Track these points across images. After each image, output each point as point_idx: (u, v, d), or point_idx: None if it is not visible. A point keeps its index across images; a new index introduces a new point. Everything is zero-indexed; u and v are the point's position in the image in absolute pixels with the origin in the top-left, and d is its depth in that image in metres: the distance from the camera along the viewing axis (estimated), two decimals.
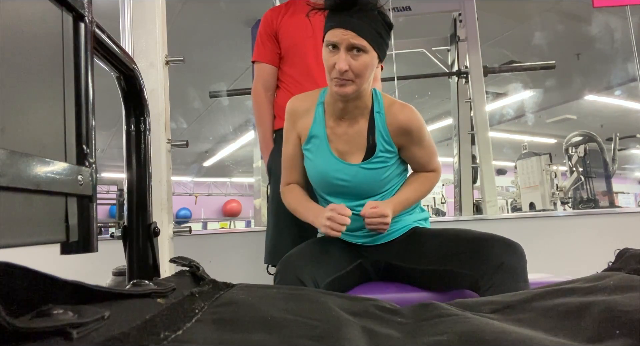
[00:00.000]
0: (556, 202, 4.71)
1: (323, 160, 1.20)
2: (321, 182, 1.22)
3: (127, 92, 0.76)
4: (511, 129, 8.49)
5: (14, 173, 0.35)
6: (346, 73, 1.05)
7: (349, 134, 1.19)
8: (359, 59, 1.05)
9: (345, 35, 1.03)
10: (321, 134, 1.20)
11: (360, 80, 1.08)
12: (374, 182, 1.17)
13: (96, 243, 0.49)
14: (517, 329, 0.41)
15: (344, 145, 1.20)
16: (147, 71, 1.27)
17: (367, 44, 1.05)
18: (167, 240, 1.29)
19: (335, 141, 1.20)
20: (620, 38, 4.19)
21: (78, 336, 0.28)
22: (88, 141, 0.49)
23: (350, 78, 1.06)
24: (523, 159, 4.97)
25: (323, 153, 1.20)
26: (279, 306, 0.46)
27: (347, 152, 1.19)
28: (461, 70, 3.00)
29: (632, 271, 0.57)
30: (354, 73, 1.06)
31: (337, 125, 1.20)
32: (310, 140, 1.22)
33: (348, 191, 1.19)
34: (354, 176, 1.17)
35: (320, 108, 1.22)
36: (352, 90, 1.08)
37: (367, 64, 1.06)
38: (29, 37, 0.41)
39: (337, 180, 1.18)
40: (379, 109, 1.17)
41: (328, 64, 1.07)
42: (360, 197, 1.19)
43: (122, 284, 1.12)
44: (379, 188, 1.19)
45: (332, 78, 1.08)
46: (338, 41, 1.04)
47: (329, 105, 1.20)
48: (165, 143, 1.30)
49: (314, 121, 1.21)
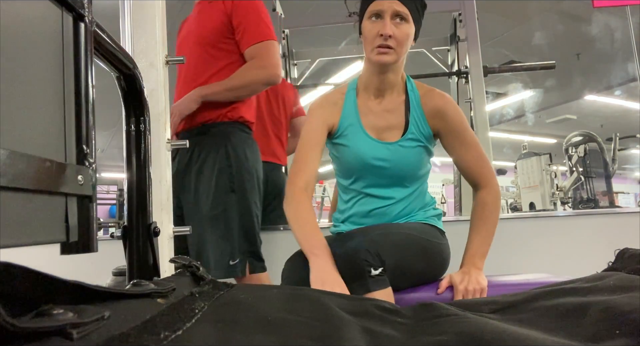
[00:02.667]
0: (556, 202, 4.70)
1: (359, 142, 1.18)
2: (358, 168, 1.18)
3: (127, 92, 0.76)
4: (511, 129, 8.49)
5: (14, 173, 0.35)
6: (390, 39, 1.10)
7: (386, 108, 1.20)
8: (401, 27, 1.11)
9: (392, 3, 1.10)
10: (354, 118, 1.20)
11: (401, 49, 1.12)
12: (411, 162, 1.17)
13: (96, 243, 0.49)
14: (517, 329, 0.41)
15: (380, 121, 1.19)
16: (147, 71, 1.27)
17: (409, 13, 1.11)
18: (167, 240, 1.29)
19: (372, 118, 1.20)
20: (620, 38, 4.19)
21: (78, 336, 0.28)
22: (88, 141, 0.49)
23: (393, 45, 1.10)
24: (523, 159, 4.97)
25: (358, 135, 1.19)
26: (279, 306, 0.46)
27: (384, 129, 1.19)
28: (461, 70, 3.00)
29: (632, 271, 0.57)
30: (397, 40, 1.10)
31: (372, 101, 1.21)
32: (343, 126, 1.21)
33: (386, 174, 1.17)
34: (392, 154, 1.16)
35: (351, 93, 1.23)
36: (393, 59, 1.12)
37: (408, 34, 1.12)
38: (29, 37, 0.41)
39: (377, 161, 1.17)
40: (412, 88, 1.21)
41: (372, 34, 1.11)
42: (396, 182, 1.18)
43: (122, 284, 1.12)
44: (415, 171, 1.18)
45: (374, 47, 1.11)
46: (384, 9, 1.10)
47: (363, 85, 1.22)
48: (165, 143, 1.30)
49: (345, 106, 1.22)
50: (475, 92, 2.81)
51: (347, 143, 1.20)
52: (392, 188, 1.19)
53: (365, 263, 0.96)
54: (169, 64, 1.36)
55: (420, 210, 1.23)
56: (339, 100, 1.23)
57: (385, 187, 1.19)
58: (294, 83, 3.15)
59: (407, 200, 1.21)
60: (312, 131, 1.20)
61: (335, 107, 1.22)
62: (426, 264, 1.13)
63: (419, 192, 1.24)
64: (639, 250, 0.61)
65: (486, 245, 1.12)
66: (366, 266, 0.96)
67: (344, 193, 1.27)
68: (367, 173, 1.19)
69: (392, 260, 1.00)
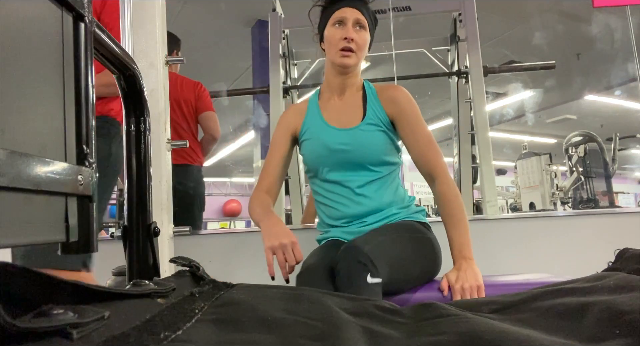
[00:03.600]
0: (556, 202, 4.70)
1: (321, 132, 1.29)
2: (323, 155, 1.26)
3: (127, 92, 0.76)
4: (511, 129, 8.49)
5: (14, 173, 0.35)
6: (352, 42, 1.22)
7: (346, 103, 1.32)
8: (361, 33, 1.25)
9: (353, 13, 1.24)
10: (316, 116, 1.32)
11: (360, 53, 1.25)
12: (372, 144, 1.24)
13: (96, 243, 0.49)
14: (517, 329, 0.41)
15: (340, 113, 1.31)
16: (147, 71, 1.27)
17: (367, 23, 1.26)
18: (167, 240, 1.29)
19: (332, 112, 1.31)
20: (620, 38, 4.19)
21: (78, 336, 0.28)
22: (88, 141, 0.49)
23: (354, 48, 1.23)
24: (523, 159, 4.97)
25: (320, 127, 1.30)
26: (279, 306, 0.46)
27: (344, 119, 1.29)
28: (461, 70, 3.00)
29: (632, 271, 0.57)
30: (358, 45, 1.24)
31: (334, 99, 1.33)
32: (307, 125, 1.32)
33: (350, 158, 1.24)
34: (353, 138, 1.24)
35: (313, 98, 1.37)
36: (354, 62, 1.25)
37: (366, 40, 1.26)
38: (29, 37, 0.41)
39: (339, 145, 1.24)
40: (368, 86, 1.33)
41: (336, 38, 1.24)
42: (362, 166, 1.23)
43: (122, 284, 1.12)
44: (378, 155, 1.23)
45: (338, 50, 1.23)
46: (347, 16, 1.23)
47: (325, 88, 1.35)
48: (165, 143, 1.30)
49: (308, 110, 1.35)
50: (475, 92, 2.81)
51: (310, 137, 1.31)
52: (358, 172, 1.24)
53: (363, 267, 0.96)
54: (169, 64, 1.37)
55: (403, 209, 1.25)
56: (303, 107, 1.36)
57: (350, 171, 1.25)
58: (294, 83, 3.15)
59: (375, 185, 1.23)
60: (276, 139, 1.35)
61: (300, 112, 1.35)
62: (422, 265, 1.14)
63: (389, 182, 1.26)
64: (639, 250, 0.61)
65: (466, 235, 1.14)
66: (363, 272, 0.96)
67: (317, 192, 1.32)
68: (332, 161, 1.25)
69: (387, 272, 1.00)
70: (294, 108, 1.40)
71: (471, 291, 1.02)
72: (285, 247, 1.04)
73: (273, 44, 2.86)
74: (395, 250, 1.07)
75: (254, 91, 3.61)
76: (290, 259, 1.03)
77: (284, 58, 2.94)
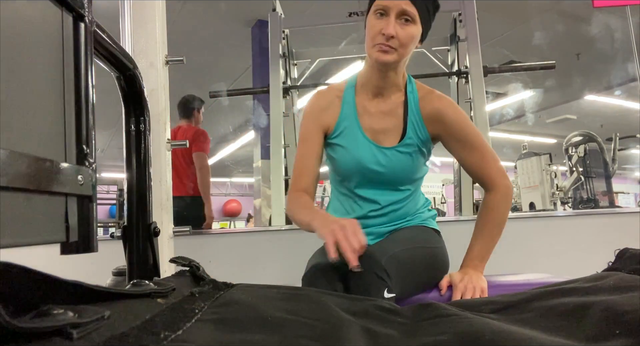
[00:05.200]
0: (556, 202, 4.70)
1: (357, 145, 1.15)
2: (354, 171, 1.16)
3: (127, 92, 0.76)
4: (511, 129, 8.49)
5: (14, 173, 0.35)
6: (392, 39, 1.04)
7: (383, 111, 1.16)
8: (406, 28, 1.05)
9: (399, 2, 1.03)
10: (352, 119, 1.17)
11: (403, 51, 1.07)
12: (407, 167, 1.14)
13: (96, 243, 0.49)
14: (517, 329, 0.41)
15: (378, 123, 1.16)
16: (147, 71, 1.27)
17: (417, 14, 1.05)
18: (167, 240, 1.29)
19: (369, 120, 1.16)
20: (620, 38, 4.19)
21: (78, 336, 0.28)
22: (88, 141, 0.49)
23: (395, 46, 1.05)
24: (523, 159, 4.97)
25: (355, 137, 1.15)
26: (279, 307, 0.46)
27: (381, 132, 1.16)
28: (461, 70, 3.00)
29: (632, 271, 0.57)
30: (400, 41, 1.05)
31: (371, 102, 1.17)
32: (340, 127, 1.18)
33: (381, 179, 1.14)
34: (389, 161, 1.13)
35: (349, 91, 1.20)
36: (394, 59, 1.07)
37: (413, 35, 1.07)
38: (29, 37, 0.41)
39: (373, 166, 1.14)
40: (411, 89, 1.17)
41: (374, 31, 1.06)
42: (390, 186, 1.16)
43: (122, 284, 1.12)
44: (410, 176, 1.16)
45: (375, 44, 1.06)
46: (390, 6, 1.04)
47: (362, 83, 1.18)
48: (165, 143, 1.30)
49: (343, 106, 1.18)
50: (475, 92, 2.81)
51: (345, 145, 1.18)
52: (386, 191, 1.17)
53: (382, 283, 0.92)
54: (169, 64, 1.36)
55: (417, 214, 1.23)
56: (336, 99, 1.20)
57: (378, 189, 1.17)
58: (294, 83, 3.15)
59: (401, 203, 1.19)
60: (308, 133, 1.18)
61: (331, 107, 1.19)
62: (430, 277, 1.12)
63: (414, 195, 1.22)
64: (639, 250, 0.61)
65: (488, 249, 1.10)
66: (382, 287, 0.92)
67: (338, 194, 1.26)
68: (362, 177, 1.17)
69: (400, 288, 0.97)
70: (325, 98, 1.21)
71: (473, 292, 1.00)
72: (345, 228, 0.89)
73: (273, 44, 2.86)
74: (409, 266, 1.03)
75: (254, 91, 3.61)
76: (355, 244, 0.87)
77: (284, 58, 2.94)
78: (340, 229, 0.89)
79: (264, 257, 2.23)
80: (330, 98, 1.21)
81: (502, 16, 4.51)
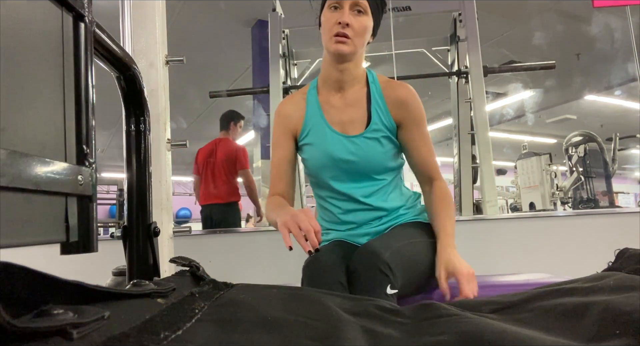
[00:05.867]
0: (556, 202, 4.71)
1: (325, 138, 1.19)
2: (327, 165, 1.19)
3: (127, 92, 0.76)
4: (511, 129, 8.49)
5: (14, 173, 0.35)
6: (348, 28, 1.10)
7: (347, 103, 1.21)
8: (359, 18, 1.12)
9: None
10: (317, 116, 1.22)
11: (358, 41, 1.13)
12: (377, 154, 1.17)
13: (96, 243, 0.49)
14: (517, 329, 0.41)
15: (344, 115, 1.20)
16: (147, 71, 1.27)
17: (368, 6, 1.12)
18: (167, 240, 1.29)
19: (334, 113, 1.21)
20: (620, 38, 4.19)
21: (78, 336, 0.28)
22: (88, 141, 0.49)
23: (350, 35, 1.11)
24: (523, 159, 4.97)
25: (323, 132, 1.20)
26: (279, 307, 0.46)
27: (348, 122, 1.20)
28: (461, 70, 3.00)
29: (632, 271, 0.57)
30: (355, 31, 1.11)
31: (334, 97, 1.22)
32: (308, 126, 1.22)
33: (355, 168, 1.17)
34: (359, 148, 1.17)
35: (312, 92, 1.25)
36: (350, 49, 1.12)
37: (366, 26, 1.13)
38: (29, 37, 0.41)
39: (345, 155, 1.17)
40: (373, 80, 1.22)
41: (330, 22, 1.12)
42: (366, 175, 1.19)
43: (122, 284, 1.12)
44: (383, 163, 1.18)
45: (332, 35, 1.12)
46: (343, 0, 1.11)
47: (323, 80, 1.24)
48: (165, 143, 1.30)
49: (307, 107, 1.23)
50: (475, 92, 2.81)
51: (314, 142, 1.21)
52: (362, 182, 1.19)
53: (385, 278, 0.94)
54: (169, 64, 1.37)
55: (410, 209, 1.24)
56: (301, 102, 1.25)
57: (354, 182, 1.19)
58: (294, 83, 3.15)
59: (380, 194, 1.20)
60: (278, 140, 1.24)
61: (297, 111, 1.24)
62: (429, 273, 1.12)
63: (392, 186, 1.23)
64: (639, 250, 0.61)
65: (453, 227, 1.14)
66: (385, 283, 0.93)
67: (319, 199, 1.28)
68: (336, 169, 1.19)
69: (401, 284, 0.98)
70: (290, 103, 1.27)
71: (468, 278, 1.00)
72: (296, 216, 0.92)
73: (273, 44, 2.86)
74: (410, 261, 1.04)
75: (254, 91, 3.61)
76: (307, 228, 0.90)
77: (284, 58, 2.94)
78: (291, 218, 0.93)
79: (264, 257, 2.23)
80: (295, 102, 1.26)
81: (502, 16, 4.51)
